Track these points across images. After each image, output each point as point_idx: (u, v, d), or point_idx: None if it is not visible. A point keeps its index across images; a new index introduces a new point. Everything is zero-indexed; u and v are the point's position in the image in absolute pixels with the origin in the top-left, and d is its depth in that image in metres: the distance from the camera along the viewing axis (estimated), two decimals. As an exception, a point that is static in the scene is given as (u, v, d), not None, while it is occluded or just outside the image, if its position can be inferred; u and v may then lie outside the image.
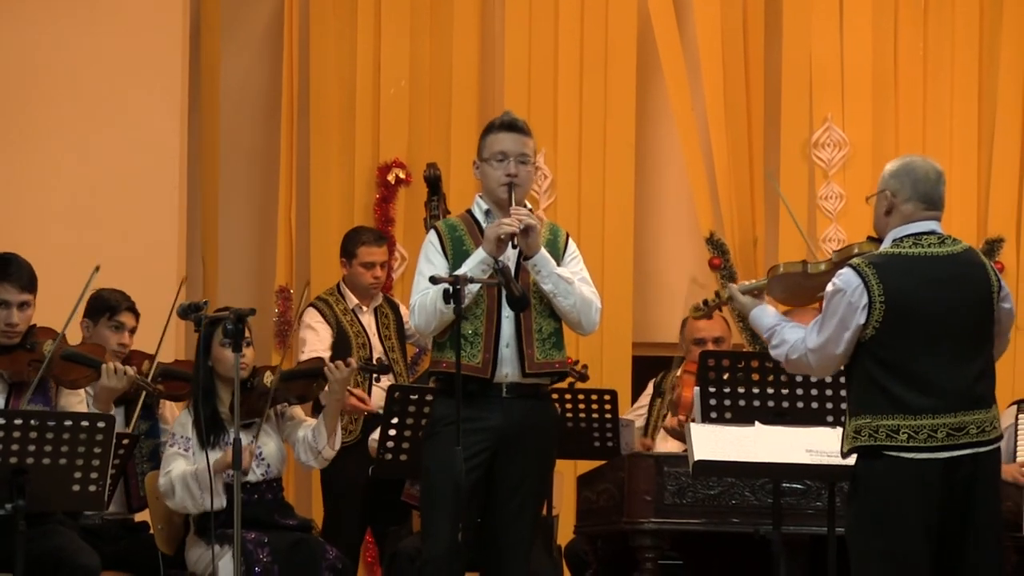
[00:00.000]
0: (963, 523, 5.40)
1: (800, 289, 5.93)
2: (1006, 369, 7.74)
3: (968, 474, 5.37)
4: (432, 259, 6.04)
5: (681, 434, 7.25)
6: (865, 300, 5.35)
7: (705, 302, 6.28)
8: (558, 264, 6.05)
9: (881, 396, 5.35)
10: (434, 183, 7.61)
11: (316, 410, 7.35)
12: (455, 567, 5.89)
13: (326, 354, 7.47)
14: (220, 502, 6.51)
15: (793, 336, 5.57)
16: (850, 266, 5.43)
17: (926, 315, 5.39)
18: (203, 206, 9.64)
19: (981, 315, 5.48)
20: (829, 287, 5.45)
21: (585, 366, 7.67)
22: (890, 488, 5.33)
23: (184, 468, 6.60)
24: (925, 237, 5.48)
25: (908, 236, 5.47)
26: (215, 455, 6.53)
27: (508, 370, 5.98)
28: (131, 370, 6.73)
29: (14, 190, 8.87)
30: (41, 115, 9.07)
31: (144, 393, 6.92)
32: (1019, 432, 7.18)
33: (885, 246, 5.50)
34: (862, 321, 5.36)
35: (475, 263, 5.91)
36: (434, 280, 5.82)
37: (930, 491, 5.33)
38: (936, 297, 5.42)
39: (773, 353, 5.66)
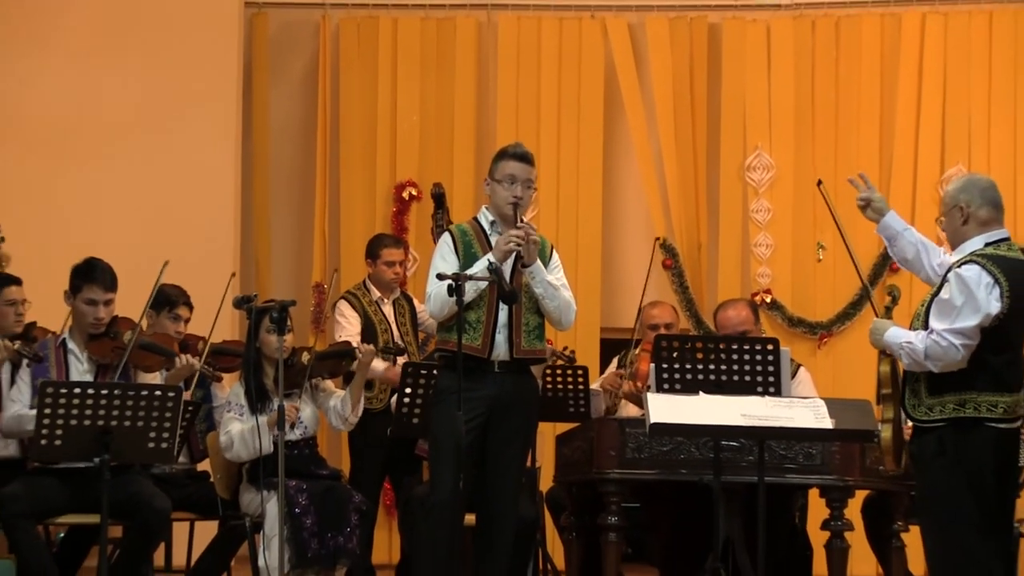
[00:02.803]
0: (1012, 483, 5.42)
1: None
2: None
3: (1015, 443, 5.39)
4: (447, 257, 6.02)
5: (638, 398, 7.26)
6: (998, 292, 5.21)
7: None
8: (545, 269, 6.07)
9: (987, 375, 5.25)
10: (439, 199, 7.61)
11: (347, 383, 7.34)
12: (457, 510, 5.90)
13: (355, 339, 7.48)
14: (267, 448, 6.49)
15: (922, 339, 5.30)
16: (975, 263, 5.25)
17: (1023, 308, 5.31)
18: (253, 217, 9.65)
19: None
20: (954, 281, 5.24)
21: (573, 351, 7.68)
22: (983, 453, 5.27)
23: (240, 427, 6.61)
24: (1011, 244, 5.39)
25: (1001, 241, 5.37)
26: (263, 418, 6.53)
27: (500, 351, 5.98)
28: (197, 361, 6.74)
29: (97, 204, 8.90)
30: (121, 143, 9.11)
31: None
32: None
33: (975, 247, 5.36)
34: (996, 310, 5.20)
35: (481, 267, 5.92)
36: (440, 277, 5.83)
37: (1008, 455, 5.32)
38: None
39: (908, 357, 5.36)
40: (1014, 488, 5.50)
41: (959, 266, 5.31)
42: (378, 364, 7.49)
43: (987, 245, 5.36)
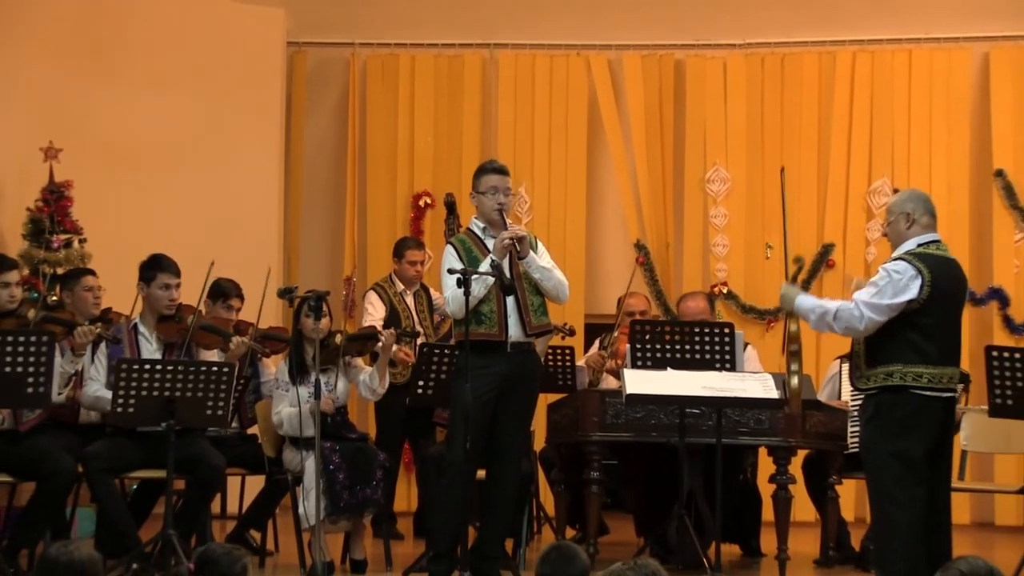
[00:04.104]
0: (943, 445, 5.42)
1: None
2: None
3: (949, 410, 5.41)
4: (453, 265, 5.98)
5: (616, 373, 7.26)
6: (918, 283, 5.24)
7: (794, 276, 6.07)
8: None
9: (913, 350, 5.28)
10: (451, 207, 7.62)
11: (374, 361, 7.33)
12: (468, 466, 5.89)
13: (379, 324, 7.47)
14: (309, 432, 6.46)
15: (835, 303, 5.40)
16: (903, 260, 5.31)
17: (949, 297, 5.36)
18: (293, 221, 9.66)
19: (964, 301, 5.53)
20: (882, 271, 5.31)
21: (572, 326, 7.69)
22: (909, 415, 5.29)
23: (288, 411, 6.56)
24: (940, 244, 5.43)
25: (931, 242, 5.40)
26: (303, 389, 6.50)
27: (513, 333, 5.95)
28: (248, 340, 6.73)
29: (163, 211, 8.90)
30: (183, 161, 9.12)
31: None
32: (842, 378, 7.18)
33: (909, 248, 5.39)
34: (913, 297, 5.24)
35: (486, 266, 5.90)
36: (451, 271, 5.82)
37: (934, 419, 5.33)
38: (955, 286, 5.42)
39: (818, 318, 5.43)
40: (945, 448, 5.48)
41: (890, 261, 5.38)
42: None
43: (919, 246, 5.40)
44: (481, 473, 6.13)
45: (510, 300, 5.94)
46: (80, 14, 8.84)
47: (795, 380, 5.67)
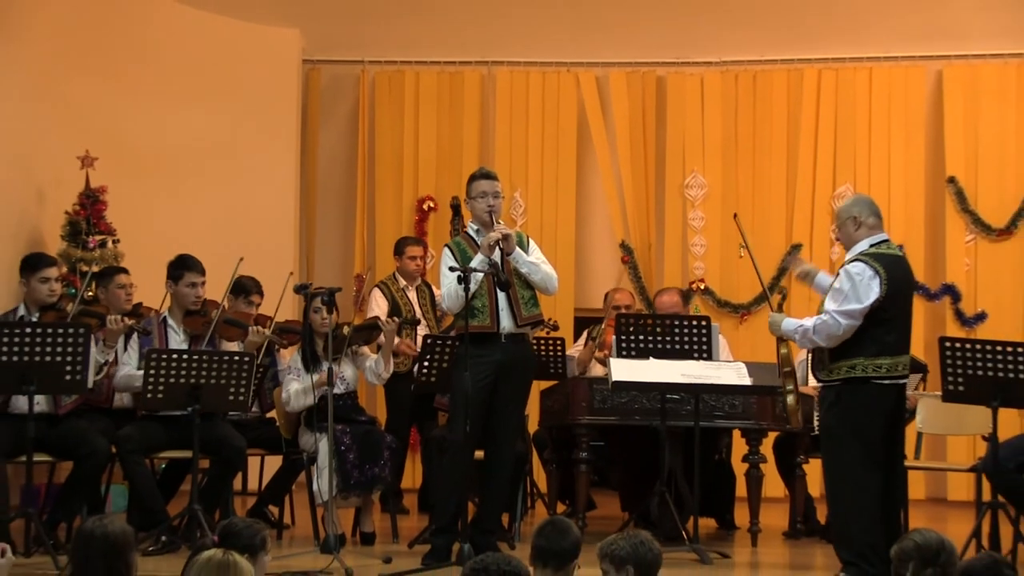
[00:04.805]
0: (897, 427, 5.42)
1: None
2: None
3: (902, 395, 5.41)
4: (452, 267, 5.97)
5: (603, 362, 7.26)
6: (877, 281, 5.23)
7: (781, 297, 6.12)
8: (525, 254, 6.04)
9: (872, 344, 5.26)
10: (456, 209, 7.63)
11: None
12: (467, 447, 5.89)
13: (383, 316, 7.46)
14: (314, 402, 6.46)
15: (811, 320, 5.36)
16: (861, 261, 5.29)
17: (904, 293, 5.36)
18: (309, 224, 9.64)
19: (913, 293, 5.53)
20: (843, 275, 5.28)
21: (556, 321, 7.68)
22: (869, 403, 5.29)
23: (297, 386, 6.57)
24: (890, 243, 5.43)
25: (882, 242, 5.39)
26: (315, 376, 6.49)
27: (505, 324, 5.95)
28: (267, 331, 6.71)
29: (189, 215, 8.87)
30: (207, 169, 9.10)
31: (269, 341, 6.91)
32: (809, 364, 7.17)
33: (862, 249, 5.37)
34: (876, 295, 5.22)
35: (478, 262, 5.89)
36: (452, 269, 5.81)
37: (889, 404, 5.33)
38: (907, 280, 5.42)
39: (801, 336, 5.40)
40: (899, 430, 5.48)
41: (848, 263, 5.34)
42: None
43: (871, 246, 5.38)
44: (479, 453, 6.13)
45: (501, 297, 5.93)
46: (114, 35, 8.82)
47: (791, 398, 5.67)
